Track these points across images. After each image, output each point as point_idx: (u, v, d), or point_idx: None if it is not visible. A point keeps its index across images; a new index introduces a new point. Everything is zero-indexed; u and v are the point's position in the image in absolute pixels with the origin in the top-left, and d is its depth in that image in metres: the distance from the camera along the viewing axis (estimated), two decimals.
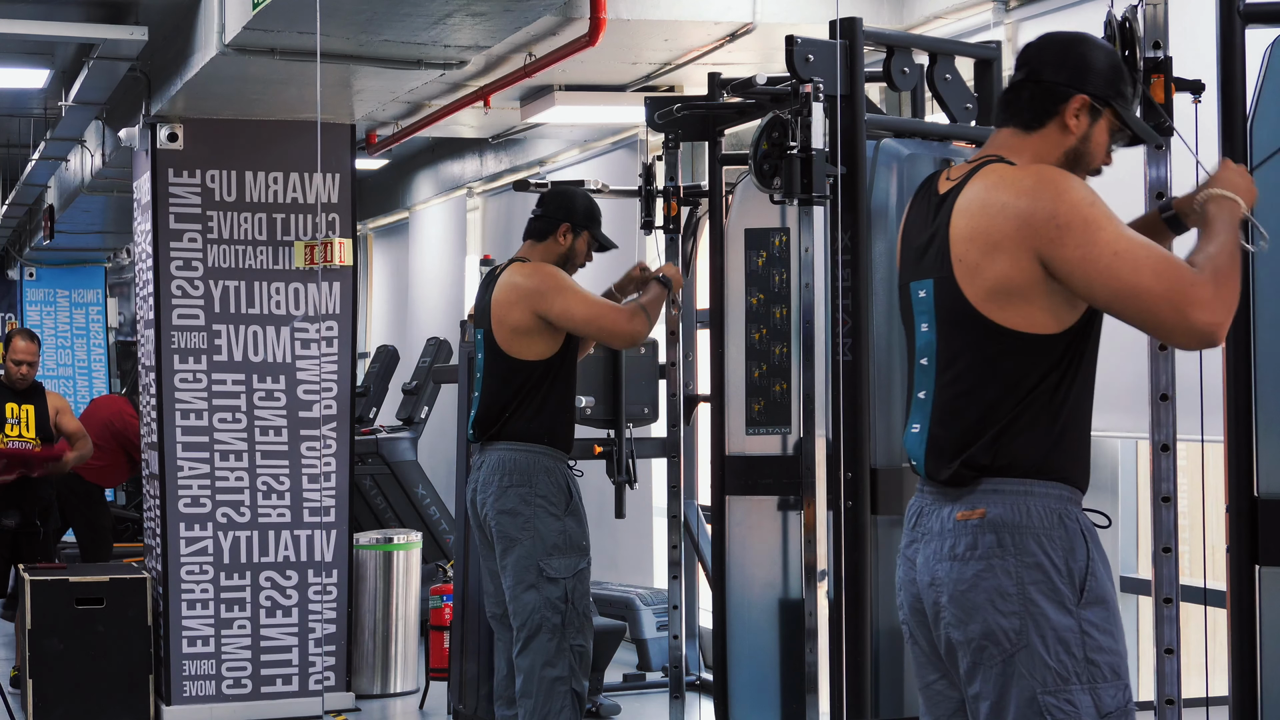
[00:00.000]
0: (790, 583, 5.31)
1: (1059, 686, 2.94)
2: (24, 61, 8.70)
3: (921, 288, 3.11)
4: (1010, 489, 2.99)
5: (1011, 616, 2.96)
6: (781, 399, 5.32)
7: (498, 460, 5.41)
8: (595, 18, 6.59)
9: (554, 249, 5.55)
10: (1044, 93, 3.11)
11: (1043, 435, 3.00)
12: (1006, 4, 6.28)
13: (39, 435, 8.35)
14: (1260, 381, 3.81)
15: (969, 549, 3.00)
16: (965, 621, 3.00)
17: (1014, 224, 2.96)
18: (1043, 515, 2.98)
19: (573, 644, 5.34)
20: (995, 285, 2.98)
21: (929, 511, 3.11)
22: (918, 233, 3.16)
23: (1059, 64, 3.12)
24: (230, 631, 7.55)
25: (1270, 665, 3.79)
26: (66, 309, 15.75)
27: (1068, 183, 2.98)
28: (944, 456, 3.05)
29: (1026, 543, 2.96)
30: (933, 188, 3.18)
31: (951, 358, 3.05)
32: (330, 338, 7.68)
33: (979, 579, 2.98)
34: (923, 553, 3.10)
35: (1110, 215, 2.95)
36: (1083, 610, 2.96)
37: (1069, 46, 3.15)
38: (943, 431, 3.06)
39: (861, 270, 4.77)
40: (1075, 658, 2.95)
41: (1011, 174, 3.03)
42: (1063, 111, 3.10)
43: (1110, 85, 3.11)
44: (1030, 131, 3.12)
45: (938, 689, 3.17)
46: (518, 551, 5.35)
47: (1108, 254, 2.90)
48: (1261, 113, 3.82)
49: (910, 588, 3.14)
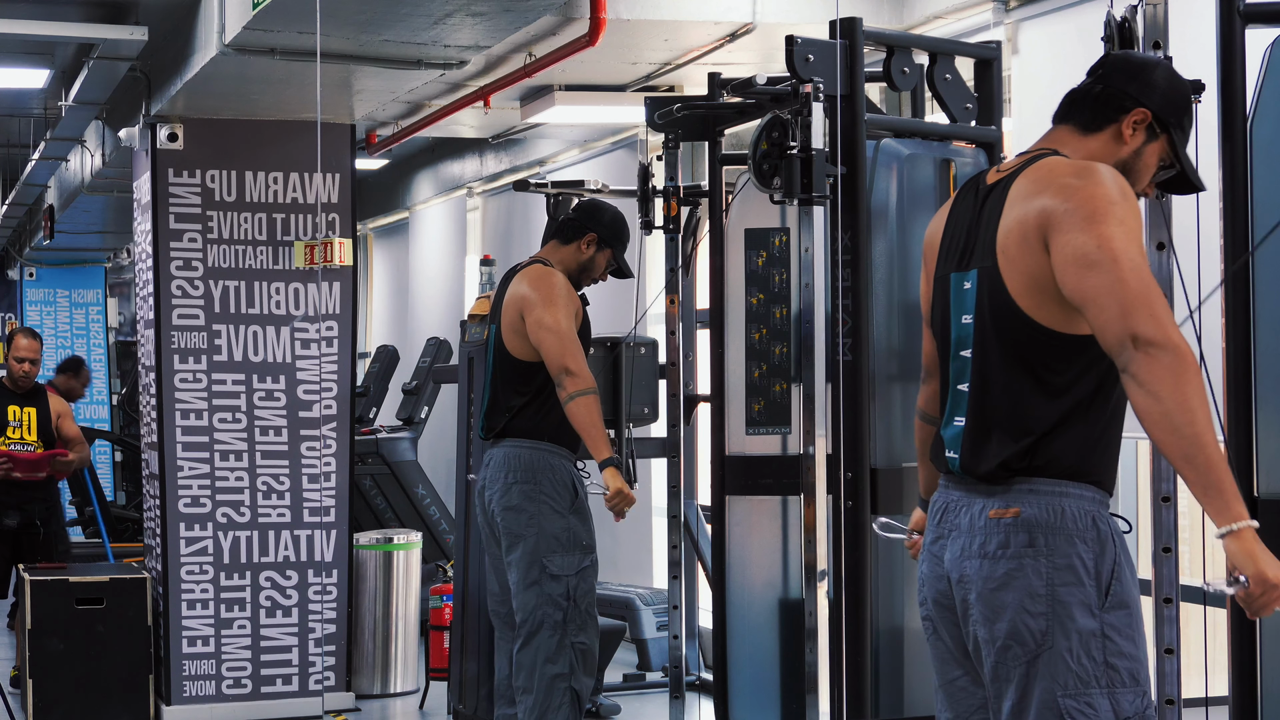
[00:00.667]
0: (790, 583, 5.31)
1: (1079, 690, 2.93)
2: (24, 61, 8.70)
3: (966, 279, 3.09)
4: (1046, 489, 2.98)
5: (1039, 617, 2.95)
6: (781, 399, 5.32)
7: (504, 456, 5.46)
8: (595, 18, 6.59)
9: (574, 255, 5.63)
10: (1109, 97, 3.12)
11: (1082, 437, 2.98)
12: (1006, 4, 6.28)
13: (40, 438, 8.34)
14: (1260, 381, 3.81)
15: (1000, 547, 2.99)
16: (992, 620, 3.00)
17: (1036, 212, 2.96)
18: (1076, 517, 2.96)
19: (574, 641, 5.36)
20: (1028, 279, 2.97)
21: (956, 507, 3.09)
22: (962, 225, 3.15)
23: (1131, 75, 3.13)
24: (230, 631, 7.55)
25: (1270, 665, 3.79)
26: (66, 309, 15.74)
27: (1105, 177, 2.95)
28: (982, 451, 3.04)
29: (1059, 544, 2.95)
30: (981, 180, 3.17)
31: (993, 351, 3.04)
32: (330, 338, 7.68)
33: (1010, 578, 2.98)
34: (950, 549, 3.08)
35: (1125, 219, 2.89)
36: (1106, 614, 2.95)
37: (1147, 64, 3.17)
38: (983, 425, 3.05)
39: (861, 270, 4.77)
40: (1096, 661, 2.94)
41: (1063, 164, 3.02)
42: (1122, 120, 3.11)
43: (1174, 113, 3.13)
44: (1087, 132, 3.12)
45: (960, 685, 3.17)
46: (522, 548, 5.38)
47: (1092, 242, 2.86)
48: (1261, 113, 3.82)
49: (937, 583, 3.13)
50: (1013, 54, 6.19)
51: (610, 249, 5.65)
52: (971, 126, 5.17)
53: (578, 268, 5.62)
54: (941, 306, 3.18)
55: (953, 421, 3.13)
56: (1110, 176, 2.96)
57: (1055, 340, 2.97)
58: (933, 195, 5.01)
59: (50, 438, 8.38)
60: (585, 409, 5.30)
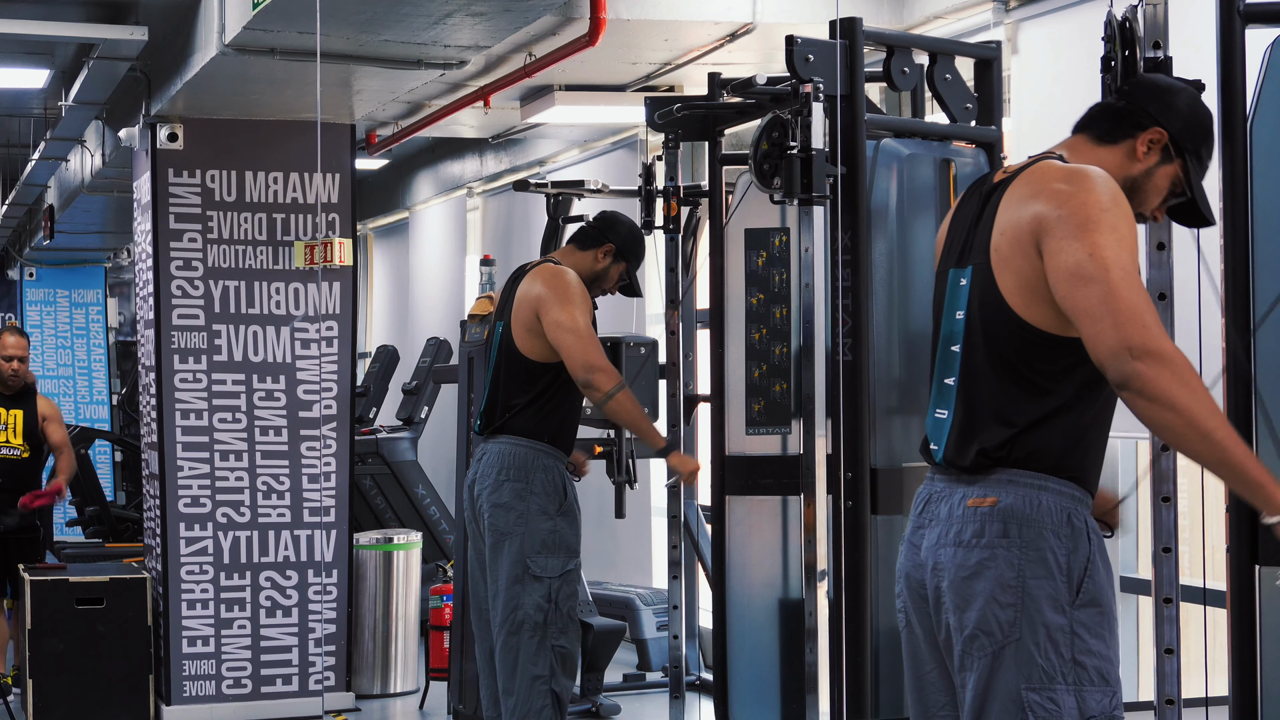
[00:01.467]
0: (790, 583, 5.31)
1: (1043, 684, 2.94)
2: (24, 61, 8.70)
3: (962, 275, 3.11)
4: (1025, 481, 2.99)
5: (1008, 608, 2.96)
6: (781, 399, 5.32)
7: (498, 453, 5.44)
8: (595, 18, 6.58)
9: (589, 262, 5.61)
10: (1128, 113, 3.12)
11: (1064, 433, 2.99)
12: (1006, 4, 6.28)
13: (26, 441, 8.27)
14: (1260, 381, 3.81)
15: (975, 536, 3.00)
16: (962, 609, 3.00)
17: (1030, 215, 2.97)
18: (1052, 511, 2.98)
19: (554, 644, 5.34)
20: (1019, 280, 2.98)
21: (938, 498, 3.11)
22: (965, 222, 3.16)
23: (1154, 96, 3.14)
24: (230, 631, 7.55)
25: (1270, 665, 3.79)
26: (66, 309, 15.73)
27: (1098, 183, 2.95)
28: (966, 443, 3.05)
29: (1033, 536, 2.96)
30: (987, 180, 3.19)
31: (981, 347, 3.05)
32: (330, 338, 7.68)
33: (982, 566, 2.98)
34: (928, 538, 3.09)
35: (1117, 226, 2.89)
36: (1076, 611, 2.95)
37: (1173, 88, 3.18)
38: (967, 418, 3.06)
39: (861, 270, 4.77)
40: (1063, 657, 2.94)
41: (1055, 168, 3.03)
42: (1138, 136, 3.11)
43: (1192, 140, 3.12)
44: (1100, 144, 3.12)
45: (931, 679, 3.17)
46: (507, 546, 5.37)
47: (1084, 251, 2.86)
48: (1261, 113, 3.82)
49: (914, 573, 3.14)
50: (1013, 54, 6.19)
51: (625, 263, 5.64)
52: (971, 126, 5.17)
53: (590, 275, 5.58)
54: (938, 301, 3.20)
55: (935, 413, 3.14)
56: (1102, 182, 2.95)
57: (1043, 340, 2.98)
58: (933, 195, 5.01)
59: (37, 441, 8.30)
60: (627, 404, 5.31)
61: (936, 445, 3.12)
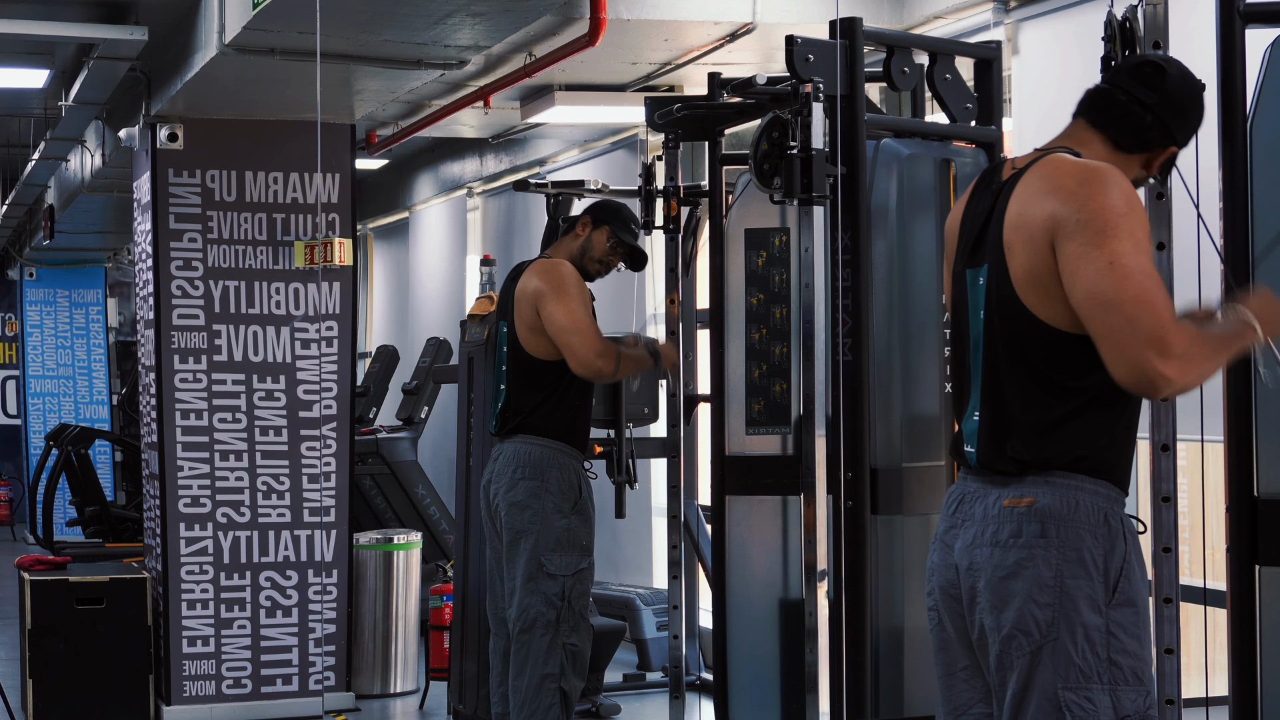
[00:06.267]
0: (790, 583, 5.31)
1: (1080, 683, 2.95)
2: (24, 61, 8.69)
3: (980, 274, 3.11)
4: (1061, 482, 2.99)
5: (1046, 608, 2.96)
6: (781, 399, 5.32)
7: (514, 452, 5.48)
8: (595, 18, 6.58)
9: (573, 242, 5.67)
10: (1149, 128, 3.13)
11: (1093, 433, 3.00)
12: (1006, 4, 6.28)
13: None
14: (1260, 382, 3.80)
15: (1012, 536, 3.00)
16: (999, 609, 3.00)
17: (1045, 214, 2.97)
18: (1090, 511, 2.98)
19: (565, 642, 5.37)
20: (1032, 277, 2.98)
21: (972, 498, 3.10)
22: (977, 220, 3.16)
23: (1181, 113, 3.15)
24: (230, 631, 7.55)
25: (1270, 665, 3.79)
26: (66, 309, 15.72)
27: (1112, 183, 2.96)
28: (997, 445, 3.05)
29: (1070, 535, 2.97)
30: (996, 175, 3.18)
31: (1001, 346, 3.05)
32: (330, 338, 7.68)
33: (1020, 566, 2.99)
34: (962, 538, 3.09)
35: (1134, 231, 2.91)
36: (1112, 610, 2.96)
37: (1195, 97, 3.19)
38: (995, 419, 3.06)
39: (861, 270, 4.77)
40: (1099, 657, 2.95)
41: (1067, 164, 3.03)
42: (1156, 153, 3.16)
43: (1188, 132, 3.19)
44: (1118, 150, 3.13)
45: (962, 677, 3.17)
46: (523, 544, 5.41)
47: (1104, 260, 2.88)
48: (1261, 113, 3.82)
49: (946, 572, 3.13)
50: (1013, 54, 6.19)
51: (606, 225, 5.66)
52: (971, 126, 5.17)
53: (580, 253, 5.63)
54: (960, 302, 3.19)
55: (971, 416, 3.14)
56: (1118, 185, 2.97)
57: (1060, 338, 2.98)
58: (933, 195, 5.01)
59: None
60: (629, 366, 5.53)
61: (971, 448, 3.12)
